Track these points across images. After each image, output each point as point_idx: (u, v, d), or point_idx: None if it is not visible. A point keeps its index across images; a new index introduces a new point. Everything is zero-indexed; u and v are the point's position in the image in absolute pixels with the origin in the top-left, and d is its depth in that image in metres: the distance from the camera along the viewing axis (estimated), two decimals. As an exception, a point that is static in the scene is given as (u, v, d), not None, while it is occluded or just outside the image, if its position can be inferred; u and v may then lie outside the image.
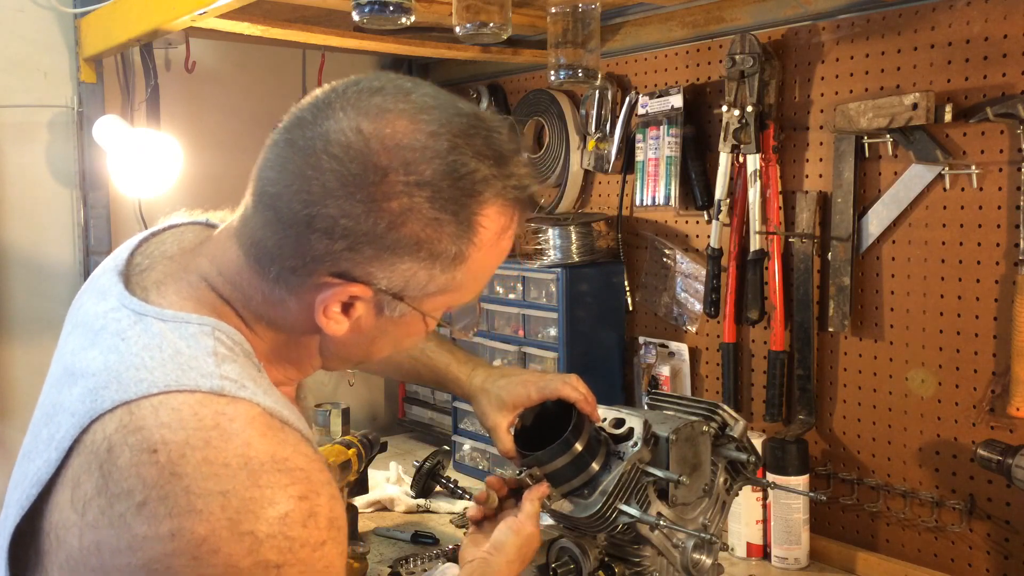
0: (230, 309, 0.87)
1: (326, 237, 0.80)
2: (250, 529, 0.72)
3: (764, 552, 1.82)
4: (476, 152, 0.81)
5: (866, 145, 1.72)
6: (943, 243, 1.64)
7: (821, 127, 1.81)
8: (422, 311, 0.87)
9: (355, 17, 1.47)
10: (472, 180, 0.81)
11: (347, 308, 0.85)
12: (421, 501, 2.13)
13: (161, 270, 0.90)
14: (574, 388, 1.28)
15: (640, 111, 2.10)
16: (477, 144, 0.82)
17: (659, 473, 1.22)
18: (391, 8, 1.45)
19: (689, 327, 2.09)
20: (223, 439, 0.76)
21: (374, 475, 2.19)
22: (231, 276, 0.87)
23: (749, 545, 1.82)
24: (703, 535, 1.22)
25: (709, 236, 1.97)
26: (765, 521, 1.81)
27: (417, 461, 2.21)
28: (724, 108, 1.86)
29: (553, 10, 1.74)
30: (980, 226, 1.59)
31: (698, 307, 2.05)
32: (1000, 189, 1.56)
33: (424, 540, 1.91)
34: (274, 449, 0.77)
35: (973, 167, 1.58)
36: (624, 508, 1.20)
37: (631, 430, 1.24)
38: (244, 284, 0.87)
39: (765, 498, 1.81)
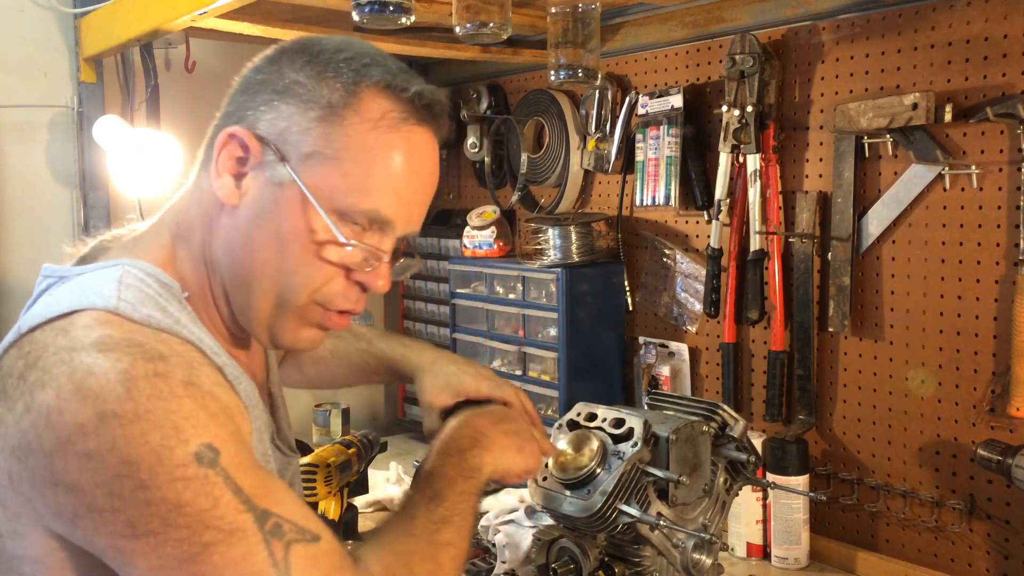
0: (182, 244, 0.93)
1: (236, 92, 0.92)
2: (92, 386, 0.75)
3: (764, 552, 1.82)
4: (378, 54, 0.92)
5: (866, 145, 1.72)
6: (943, 243, 1.64)
7: (821, 127, 1.81)
8: (300, 182, 0.87)
9: (355, 17, 1.47)
10: (362, 62, 0.90)
11: (239, 179, 0.89)
12: (421, 501, 2.13)
13: (121, 243, 0.97)
14: (521, 403, 1.26)
15: (640, 111, 2.10)
16: (382, 57, 0.93)
17: (659, 473, 1.22)
18: (391, 8, 1.45)
19: (689, 327, 2.09)
20: (86, 330, 0.79)
21: (374, 475, 2.19)
22: (185, 205, 0.95)
23: (749, 545, 1.82)
24: (703, 535, 1.22)
25: (709, 236, 1.97)
26: (765, 521, 1.81)
27: (417, 461, 2.19)
28: (724, 108, 1.86)
29: (553, 10, 1.74)
30: (980, 226, 1.59)
31: (698, 307, 2.05)
32: (1000, 189, 1.56)
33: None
34: (133, 336, 0.80)
35: (973, 167, 1.58)
36: (624, 508, 1.20)
37: (631, 430, 1.24)
38: (191, 204, 0.94)
39: (765, 498, 1.81)
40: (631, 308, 2.21)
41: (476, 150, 2.56)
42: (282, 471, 1.00)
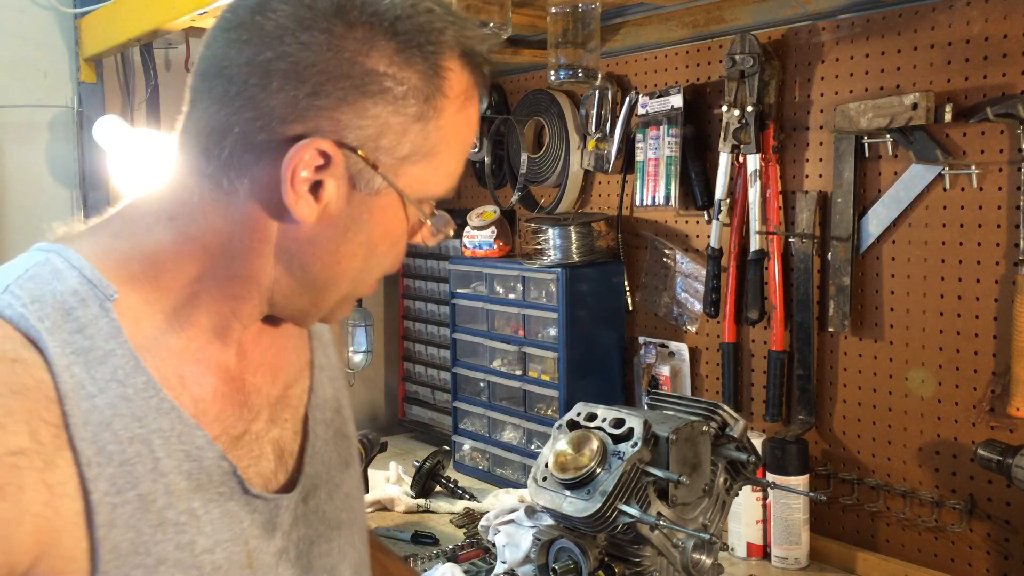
0: (191, 253, 0.77)
1: (287, 81, 0.71)
2: None
3: (764, 552, 1.82)
4: (433, 1, 0.77)
5: (866, 145, 1.72)
6: (943, 243, 1.64)
7: (821, 127, 1.81)
8: (398, 188, 0.77)
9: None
10: (431, 18, 0.75)
11: (316, 189, 0.74)
12: (421, 501, 2.13)
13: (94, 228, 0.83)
14: None
15: (640, 111, 2.10)
16: (438, 4, 0.77)
17: (659, 473, 1.22)
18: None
19: (689, 327, 2.09)
20: None
21: (374, 475, 2.19)
22: (169, 191, 0.79)
23: (749, 545, 1.82)
24: (703, 535, 1.22)
25: (709, 236, 1.97)
26: (765, 521, 1.81)
27: (417, 461, 2.21)
28: (724, 108, 1.86)
29: (553, 10, 1.74)
30: (980, 226, 1.59)
31: (698, 307, 2.05)
32: (1000, 189, 1.56)
33: (424, 540, 1.91)
34: None
35: (973, 167, 1.58)
36: (624, 508, 1.20)
37: (631, 430, 1.24)
38: (181, 190, 0.78)
39: (765, 498, 1.81)
40: (631, 308, 2.21)
41: (476, 150, 2.56)
42: (271, 521, 0.81)
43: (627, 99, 2.15)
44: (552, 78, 1.78)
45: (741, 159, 1.89)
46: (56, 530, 0.66)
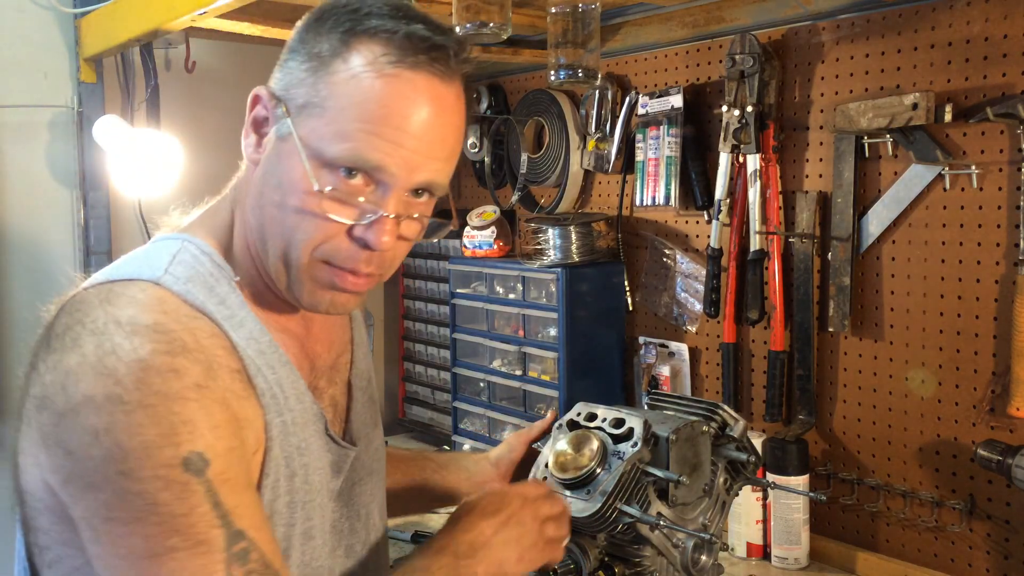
0: (239, 217, 0.96)
1: (277, 67, 0.95)
2: (109, 366, 0.78)
3: (764, 552, 1.82)
4: (386, 3, 0.91)
5: (866, 145, 1.72)
6: (943, 243, 1.64)
7: (821, 127, 1.81)
8: (297, 134, 0.88)
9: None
10: (363, 12, 0.90)
11: (262, 138, 0.93)
12: (421, 501, 2.13)
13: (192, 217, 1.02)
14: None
15: (640, 111, 2.10)
16: (389, 7, 0.91)
17: (659, 473, 1.22)
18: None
19: (689, 327, 2.09)
20: (126, 304, 0.83)
21: (374, 475, 2.19)
22: (241, 178, 0.98)
23: (749, 545, 1.83)
24: (703, 535, 1.22)
25: (709, 236, 1.97)
26: (765, 521, 1.81)
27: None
28: (724, 108, 1.86)
29: (553, 10, 1.74)
30: (980, 226, 1.59)
31: (698, 307, 2.05)
32: (1000, 189, 1.56)
33: (424, 540, 1.91)
34: (165, 320, 0.82)
35: (973, 167, 1.58)
36: (624, 508, 1.20)
37: (631, 430, 1.24)
38: (244, 175, 0.97)
39: (765, 498, 1.81)
40: (631, 308, 2.21)
41: (476, 150, 2.56)
42: (338, 463, 1.00)
43: (627, 99, 2.15)
44: (552, 78, 1.78)
45: (741, 159, 1.89)
46: (262, 433, 0.87)
